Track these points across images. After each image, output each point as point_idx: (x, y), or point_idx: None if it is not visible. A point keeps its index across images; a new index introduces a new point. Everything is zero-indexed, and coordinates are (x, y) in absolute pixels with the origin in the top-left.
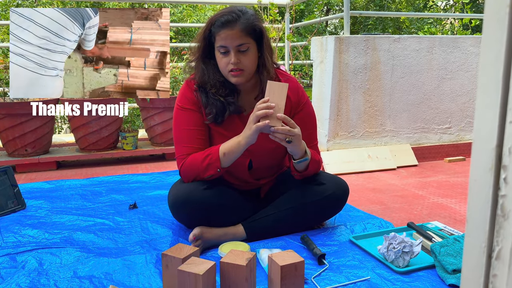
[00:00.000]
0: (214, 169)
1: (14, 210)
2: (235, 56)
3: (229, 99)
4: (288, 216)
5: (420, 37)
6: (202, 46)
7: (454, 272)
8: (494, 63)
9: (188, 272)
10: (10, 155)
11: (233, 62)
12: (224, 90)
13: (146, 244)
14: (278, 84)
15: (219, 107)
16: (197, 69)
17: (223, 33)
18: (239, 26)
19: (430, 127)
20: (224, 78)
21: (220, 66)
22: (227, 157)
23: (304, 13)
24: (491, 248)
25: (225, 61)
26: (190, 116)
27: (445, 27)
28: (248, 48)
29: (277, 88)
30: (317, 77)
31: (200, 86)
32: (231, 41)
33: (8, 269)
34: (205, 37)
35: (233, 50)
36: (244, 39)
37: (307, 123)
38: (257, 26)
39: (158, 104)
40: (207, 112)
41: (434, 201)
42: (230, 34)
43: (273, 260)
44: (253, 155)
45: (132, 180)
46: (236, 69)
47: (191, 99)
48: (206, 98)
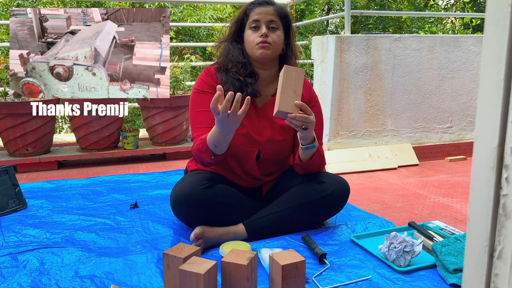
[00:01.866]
0: (210, 157)
1: (15, 210)
2: (266, 29)
3: (247, 79)
4: (289, 215)
5: (421, 36)
6: (233, 29)
7: (455, 271)
8: (495, 62)
9: (189, 272)
10: (11, 155)
11: (263, 34)
12: (244, 70)
13: (147, 244)
14: (295, 69)
15: (237, 86)
16: (223, 50)
17: (258, 9)
18: (273, 7)
19: (431, 127)
20: (246, 60)
21: (249, 41)
22: (218, 147)
23: (305, 12)
24: (492, 247)
25: (254, 36)
26: (206, 98)
27: (446, 27)
28: (277, 28)
29: (294, 73)
30: (318, 76)
31: (221, 68)
32: (265, 15)
33: (9, 268)
34: (238, 20)
35: (265, 25)
36: (276, 18)
37: (316, 121)
38: (288, 13)
39: (159, 103)
40: (225, 89)
41: (435, 200)
42: (264, 10)
43: (274, 259)
44: (261, 146)
45: (133, 179)
46: (264, 42)
47: (209, 82)
48: (226, 76)
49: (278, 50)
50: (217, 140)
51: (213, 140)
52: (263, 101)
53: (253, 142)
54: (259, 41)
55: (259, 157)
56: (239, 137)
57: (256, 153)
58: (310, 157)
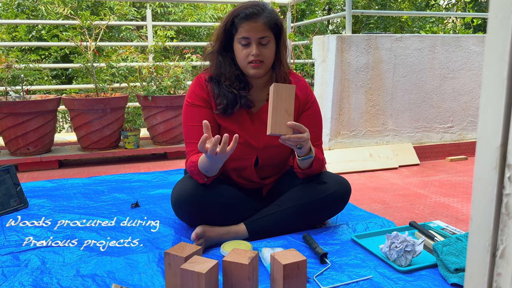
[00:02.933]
0: (202, 179)
1: (16, 209)
2: (257, 47)
3: (242, 92)
4: (290, 215)
5: (422, 36)
6: (221, 39)
7: (457, 271)
8: (498, 62)
9: (190, 271)
10: (12, 154)
11: (254, 54)
12: (238, 83)
13: (149, 243)
14: (285, 87)
15: (231, 99)
16: (213, 62)
17: (247, 25)
18: (262, 19)
19: (432, 126)
20: (239, 72)
21: (240, 57)
22: (209, 172)
23: (305, 12)
24: (495, 246)
25: (245, 53)
26: (198, 112)
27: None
28: (269, 42)
29: (284, 91)
30: (318, 76)
31: (213, 78)
32: (254, 33)
33: (11, 267)
34: (225, 29)
35: (255, 42)
36: (266, 32)
37: (313, 122)
38: (278, 21)
39: (160, 103)
40: (218, 102)
41: (436, 200)
42: (254, 26)
43: (275, 259)
44: (259, 152)
45: (134, 179)
46: (256, 61)
47: (200, 95)
48: (218, 89)
49: (271, 62)
50: (207, 167)
51: (203, 167)
52: (257, 107)
53: (251, 150)
54: (251, 60)
55: (257, 164)
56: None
57: (254, 159)
58: (309, 166)
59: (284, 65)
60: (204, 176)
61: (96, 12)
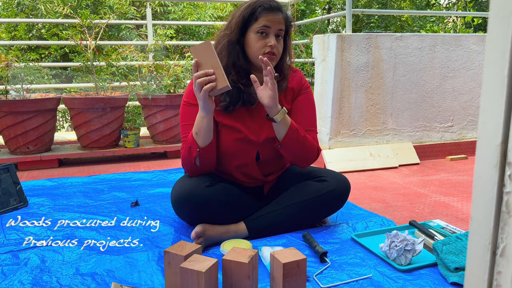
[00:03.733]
0: (195, 150)
1: (16, 208)
2: (275, 39)
3: (246, 88)
4: (290, 213)
5: (423, 35)
6: (240, 26)
7: (456, 270)
8: (499, 60)
9: (190, 270)
10: (12, 153)
11: (272, 45)
12: (246, 79)
13: (148, 242)
14: (200, 45)
15: (234, 94)
16: (227, 51)
17: (271, 15)
18: (282, 14)
19: (432, 126)
20: (248, 66)
21: (255, 47)
22: (199, 134)
23: (306, 11)
24: (495, 245)
25: (262, 43)
26: (195, 111)
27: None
28: (281, 37)
29: (201, 49)
30: (319, 75)
31: None
32: (276, 24)
33: (10, 266)
34: (244, 18)
35: (273, 34)
36: (283, 27)
37: (307, 107)
38: (292, 20)
39: (160, 102)
40: (220, 100)
41: (436, 199)
42: (276, 18)
43: (275, 257)
44: (259, 146)
45: (134, 178)
46: (271, 53)
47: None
48: None
49: (279, 58)
50: (199, 124)
51: (195, 127)
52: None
53: (251, 145)
54: (267, 51)
55: (258, 158)
56: (237, 142)
57: (255, 155)
58: (284, 132)
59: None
60: (197, 145)
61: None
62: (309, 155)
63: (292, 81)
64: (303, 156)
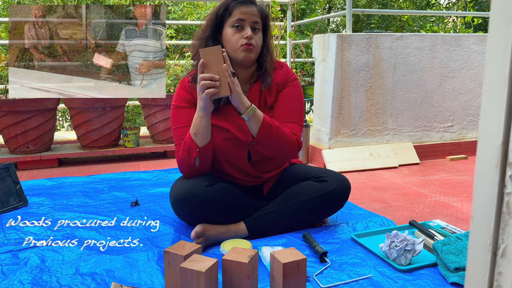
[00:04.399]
0: (194, 150)
1: (16, 207)
2: (250, 31)
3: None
4: (290, 213)
5: (423, 35)
6: (212, 25)
7: (457, 270)
8: (500, 59)
9: (190, 270)
10: (12, 152)
11: (248, 36)
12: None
13: (148, 242)
14: (210, 49)
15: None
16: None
17: (243, 8)
18: (256, 7)
19: (432, 126)
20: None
21: (232, 41)
22: (198, 135)
23: (306, 11)
24: (496, 245)
25: (238, 36)
26: (184, 113)
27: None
28: (259, 30)
29: (211, 53)
30: (319, 75)
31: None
32: (250, 16)
33: (10, 266)
34: (218, 15)
35: (249, 26)
36: (259, 19)
37: (290, 99)
38: (268, 14)
39: (160, 101)
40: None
41: (436, 199)
42: (249, 10)
43: (275, 257)
44: (250, 146)
45: (134, 177)
46: (249, 44)
47: (184, 97)
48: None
49: (259, 51)
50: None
51: (193, 127)
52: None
53: (241, 144)
54: (244, 43)
55: (250, 158)
56: (226, 142)
57: (247, 154)
58: (257, 129)
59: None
60: (196, 145)
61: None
62: (286, 149)
63: (277, 76)
64: (279, 150)
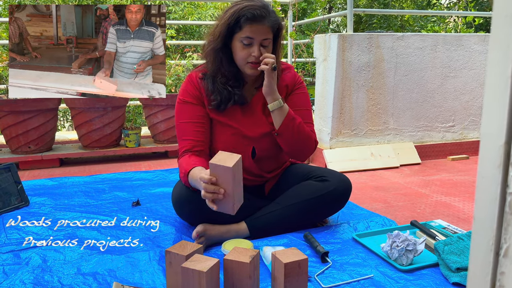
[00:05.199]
0: (187, 184)
1: (17, 207)
2: (258, 49)
3: (236, 90)
4: (291, 213)
5: (424, 35)
6: (223, 35)
7: (458, 270)
8: (503, 59)
9: (191, 269)
10: (14, 152)
11: (256, 55)
12: (234, 81)
13: (149, 241)
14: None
15: (225, 96)
16: (213, 58)
17: (253, 26)
18: (268, 22)
19: (433, 126)
20: (237, 70)
21: (239, 56)
22: (191, 183)
23: (307, 11)
24: (498, 245)
25: (246, 53)
26: (190, 109)
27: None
28: (269, 44)
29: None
30: (320, 75)
31: (207, 74)
32: (260, 34)
33: (12, 265)
34: (229, 27)
35: (257, 44)
36: (269, 35)
37: (302, 101)
38: (281, 25)
39: (161, 101)
40: (212, 98)
41: (438, 199)
42: (260, 28)
43: (276, 257)
44: (255, 142)
45: (135, 177)
46: (256, 62)
47: (192, 92)
48: (213, 85)
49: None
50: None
51: (192, 182)
52: (248, 98)
53: (245, 139)
54: (251, 61)
55: (255, 155)
56: (230, 138)
57: (252, 151)
58: (281, 120)
59: (279, 64)
60: (189, 185)
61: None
62: (305, 146)
63: (286, 78)
64: (298, 144)
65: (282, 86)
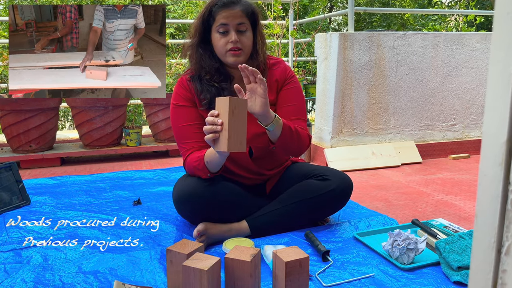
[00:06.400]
0: (206, 173)
1: (18, 206)
2: (235, 34)
3: (223, 84)
4: (292, 211)
5: (425, 33)
6: (200, 31)
7: (459, 269)
8: (504, 57)
9: (193, 268)
10: (15, 151)
11: (233, 41)
12: (218, 76)
13: (150, 240)
14: (239, 101)
15: (213, 93)
16: (193, 56)
17: (225, 11)
18: (239, 6)
19: (434, 124)
20: (219, 64)
21: (218, 46)
22: (210, 164)
23: (307, 10)
24: (500, 243)
25: (224, 41)
26: (185, 112)
27: (449, 24)
28: (246, 29)
29: (221, 104)
30: (321, 73)
31: (194, 76)
32: (232, 19)
33: (13, 264)
34: (203, 20)
35: (233, 29)
36: (244, 19)
37: (293, 95)
38: (255, 9)
39: (162, 100)
40: (202, 98)
41: (439, 198)
42: (231, 13)
43: (277, 256)
44: (250, 142)
45: (136, 176)
46: (235, 48)
47: (184, 95)
48: (200, 85)
49: (249, 51)
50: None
51: (209, 160)
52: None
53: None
54: (229, 48)
55: (252, 154)
56: None
57: (248, 150)
58: (278, 135)
59: (260, 54)
60: (208, 171)
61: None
62: (302, 147)
63: (276, 73)
64: (297, 148)
65: (272, 81)
